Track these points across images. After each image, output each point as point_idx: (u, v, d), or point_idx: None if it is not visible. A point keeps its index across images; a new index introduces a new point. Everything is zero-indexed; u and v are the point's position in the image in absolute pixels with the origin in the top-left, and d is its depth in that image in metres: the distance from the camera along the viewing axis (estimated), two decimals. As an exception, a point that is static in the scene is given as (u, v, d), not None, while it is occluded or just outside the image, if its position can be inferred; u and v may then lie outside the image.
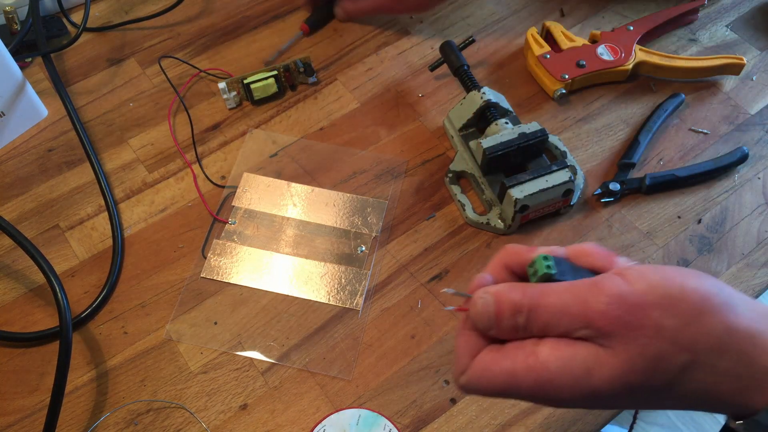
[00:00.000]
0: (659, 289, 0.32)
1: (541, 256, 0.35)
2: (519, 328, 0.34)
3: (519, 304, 0.33)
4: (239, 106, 0.71)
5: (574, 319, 0.32)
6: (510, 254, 0.37)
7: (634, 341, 0.31)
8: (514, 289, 0.34)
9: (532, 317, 0.33)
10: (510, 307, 0.33)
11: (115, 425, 0.53)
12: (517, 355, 0.33)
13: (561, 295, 0.33)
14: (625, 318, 0.31)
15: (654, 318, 0.31)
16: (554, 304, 0.33)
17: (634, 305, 0.31)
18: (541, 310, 0.33)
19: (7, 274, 0.61)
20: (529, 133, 0.61)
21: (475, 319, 0.35)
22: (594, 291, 0.32)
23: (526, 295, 0.33)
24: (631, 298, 0.31)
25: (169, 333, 0.57)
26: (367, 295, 0.59)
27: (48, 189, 0.66)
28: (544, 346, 0.33)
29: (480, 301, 0.34)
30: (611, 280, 0.32)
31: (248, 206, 0.64)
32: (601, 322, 0.31)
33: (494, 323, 0.34)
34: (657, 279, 0.32)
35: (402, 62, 0.74)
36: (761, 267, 0.60)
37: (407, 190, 0.65)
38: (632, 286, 0.32)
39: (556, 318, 0.32)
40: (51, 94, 0.71)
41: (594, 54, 0.70)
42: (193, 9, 0.79)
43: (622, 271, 0.33)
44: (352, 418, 0.53)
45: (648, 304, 0.31)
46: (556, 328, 0.33)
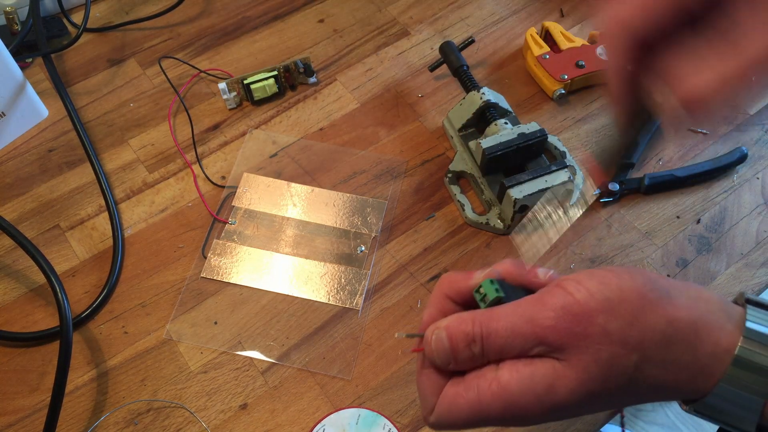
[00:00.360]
0: (599, 294, 0.32)
1: (488, 281, 0.35)
2: (476, 357, 0.34)
3: (471, 333, 0.33)
4: (239, 106, 0.71)
5: (526, 338, 0.32)
6: (448, 284, 0.37)
7: (586, 350, 0.32)
8: (464, 319, 0.34)
9: (487, 344, 0.33)
10: (463, 339, 0.34)
11: (115, 425, 0.53)
12: (480, 385, 0.33)
13: (509, 318, 0.33)
14: (574, 329, 0.32)
15: (599, 324, 0.32)
16: (505, 328, 0.33)
17: (578, 315, 0.32)
18: (494, 335, 0.33)
19: (8, 274, 0.61)
20: (529, 134, 0.61)
21: (432, 356, 0.35)
22: (539, 307, 0.33)
23: (476, 323, 0.34)
24: (574, 308, 0.32)
25: (169, 333, 0.58)
26: (367, 295, 0.59)
27: (48, 189, 0.66)
28: (504, 370, 0.33)
29: (433, 339, 0.35)
30: (552, 294, 0.33)
31: (248, 206, 0.64)
32: (551, 337, 0.32)
33: (451, 357, 0.34)
34: (595, 285, 0.33)
35: (402, 62, 0.74)
36: (760, 267, 0.60)
37: (407, 190, 0.65)
38: (574, 297, 0.32)
39: (509, 341, 0.33)
40: (51, 94, 0.71)
41: (593, 54, 0.70)
42: (194, 9, 0.79)
43: (560, 283, 0.33)
44: (352, 417, 0.53)
45: (591, 311, 0.32)
46: (511, 350, 0.33)
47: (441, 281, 0.38)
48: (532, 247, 0.47)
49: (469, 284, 0.36)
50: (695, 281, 0.60)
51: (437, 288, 0.38)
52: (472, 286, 0.36)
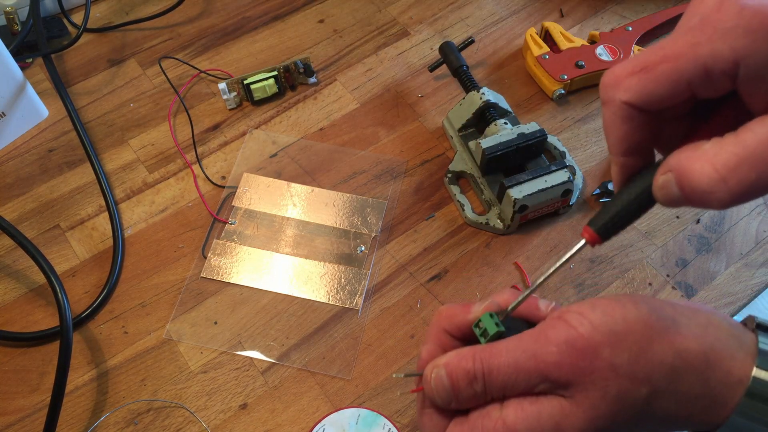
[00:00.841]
0: (603, 327, 0.31)
1: (488, 315, 0.34)
2: (478, 395, 0.33)
3: (472, 371, 0.32)
4: (239, 106, 0.71)
5: (530, 375, 0.31)
6: (446, 319, 0.36)
7: (593, 385, 0.30)
8: (464, 356, 0.33)
9: (489, 382, 0.32)
10: (464, 377, 0.32)
11: (116, 425, 0.54)
12: (485, 425, 0.32)
13: (511, 354, 0.32)
14: (579, 364, 0.31)
15: (605, 358, 0.30)
16: (507, 364, 0.32)
17: (583, 349, 0.31)
18: (495, 373, 0.32)
19: (8, 274, 0.61)
20: (528, 134, 0.61)
21: (433, 396, 0.34)
22: (542, 342, 0.31)
23: (477, 360, 0.32)
24: (578, 342, 0.31)
25: (169, 333, 0.58)
26: (367, 295, 0.59)
27: (48, 189, 0.66)
28: (509, 410, 0.32)
29: (433, 377, 0.33)
30: (555, 327, 0.32)
31: (248, 206, 0.64)
32: (556, 373, 0.31)
33: (452, 396, 0.33)
34: (598, 317, 0.31)
35: (401, 63, 0.74)
36: (760, 267, 0.61)
37: (407, 191, 0.65)
38: (577, 330, 0.31)
39: (512, 378, 0.32)
40: (52, 94, 0.71)
41: (593, 54, 0.70)
42: (194, 10, 0.79)
43: (562, 316, 0.32)
44: (352, 417, 0.53)
45: (596, 344, 0.31)
46: (515, 387, 0.32)
47: (438, 315, 0.36)
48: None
49: (468, 318, 0.35)
50: (695, 281, 0.60)
51: (434, 322, 0.36)
52: (471, 320, 0.35)
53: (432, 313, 0.58)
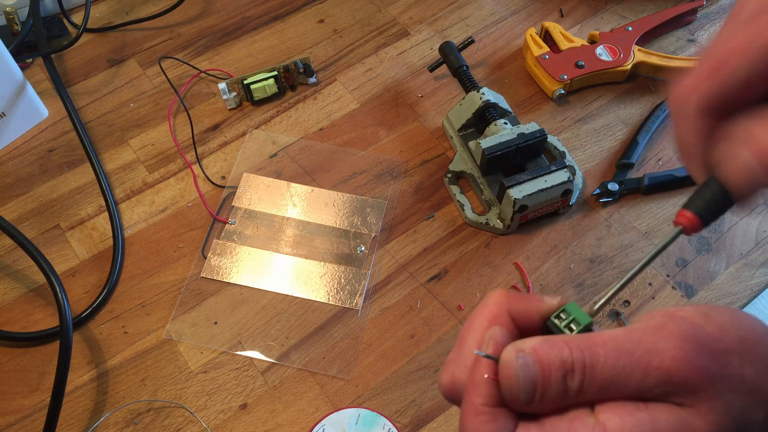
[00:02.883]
0: (733, 332, 0.26)
1: (574, 304, 0.29)
2: (569, 394, 0.26)
3: (569, 361, 0.26)
4: (239, 106, 0.71)
5: (647, 373, 0.25)
6: (512, 301, 0.29)
7: (720, 396, 0.25)
8: (555, 343, 0.26)
9: (590, 377, 0.26)
10: (559, 367, 0.26)
11: (116, 425, 0.54)
12: (575, 429, 0.26)
13: (621, 344, 0.26)
14: (711, 368, 0.25)
15: (736, 367, 0.26)
16: (618, 357, 0.25)
17: (715, 351, 0.26)
18: (601, 366, 0.26)
19: (8, 274, 0.61)
20: (528, 134, 0.61)
21: (513, 388, 0.26)
22: (663, 335, 0.26)
23: (576, 349, 0.26)
24: (709, 342, 0.26)
25: (169, 333, 0.58)
26: (367, 295, 0.59)
27: (48, 189, 0.66)
28: (610, 415, 0.25)
29: (517, 365, 0.26)
30: (675, 321, 0.26)
31: (248, 206, 0.64)
32: (684, 373, 0.25)
33: (538, 391, 0.26)
34: (727, 320, 0.27)
35: (401, 63, 0.74)
36: (760, 267, 0.61)
37: (407, 191, 0.65)
38: (704, 329, 0.26)
39: (621, 375, 0.25)
40: (51, 94, 0.71)
41: (593, 54, 0.70)
42: (194, 10, 0.79)
43: (677, 313, 0.27)
44: (352, 417, 0.53)
45: (727, 350, 0.26)
46: (622, 388, 0.26)
47: (496, 296, 0.30)
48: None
49: (541, 307, 0.29)
50: (695, 281, 0.60)
51: (494, 303, 0.29)
52: (546, 309, 0.29)
53: (432, 313, 0.58)
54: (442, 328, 0.58)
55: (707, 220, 0.28)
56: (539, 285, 0.60)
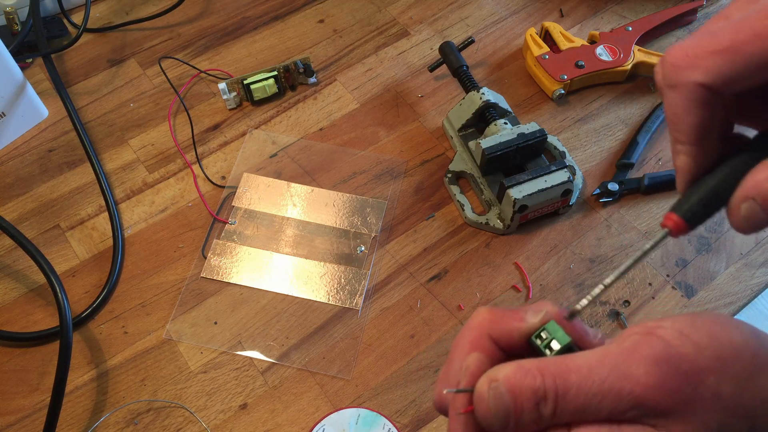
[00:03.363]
0: (709, 351, 0.26)
1: (554, 323, 0.29)
2: (544, 419, 0.26)
3: (542, 389, 0.26)
4: (239, 106, 0.71)
5: (619, 399, 0.25)
6: (492, 323, 0.30)
7: (693, 417, 0.25)
8: (528, 371, 0.27)
9: (563, 404, 0.26)
10: (531, 396, 0.26)
11: (116, 424, 0.54)
12: None
13: (595, 371, 0.26)
14: (683, 390, 0.25)
15: (710, 386, 0.26)
16: (589, 384, 0.26)
17: (688, 373, 0.25)
18: (573, 392, 0.26)
19: (8, 274, 0.61)
20: (528, 134, 0.61)
21: (486, 417, 0.27)
22: (636, 360, 0.26)
23: (548, 376, 0.26)
24: (682, 364, 0.26)
25: (169, 333, 0.58)
26: (367, 295, 0.59)
27: (48, 189, 0.66)
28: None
29: (489, 395, 0.27)
30: (650, 344, 0.26)
31: (248, 206, 0.64)
32: (654, 398, 0.25)
33: (512, 419, 0.26)
34: (704, 339, 0.26)
35: (401, 63, 0.74)
36: (759, 267, 0.61)
37: (407, 191, 0.65)
38: (679, 350, 0.26)
39: (594, 401, 0.26)
40: (51, 94, 0.71)
41: (593, 54, 0.70)
42: (194, 10, 0.79)
43: (654, 331, 0.27)
44: (352, 417, 0.53)
45: (702, 370, 0.26)
46: (595, 413, 0.26)
47: (480, 317, 0.30)
48: None
49: (521, 326, 0.29)
50: (695, 281, 0.60)
51: (475, 325, 0.30)
52: (526, 329, 0.29)
53: (432, 313, 0.58)
54: (442, 328, 0.58)
55: (694, 223, 0.28)
56: (539, 285, 0.60)
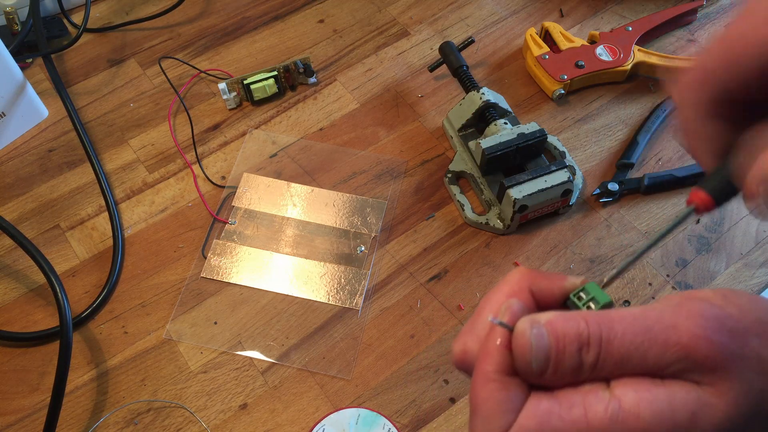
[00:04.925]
0: (752, 313, 0.26)
1: (594, 284, 0.29)
2: (584, 368, 0.26)
3: (586, 335, 0.25)
4: (239, 106, 0.71)
5: (666, 349, 0.25)
6: (534, 278, 0.29)
7: (739, 376, 0.25)
8: (573, 317, 0.26)
9: (606, 351, 0.25)
10: (574, 340, 0.25)
11: (116, 424, 0.54)
12: (590, 403, 0.25)
13: (639, 321, 0.25)
14: (730, 346, 0.25)
15: (755, 347, 0.25)
16: (635, 333, 0.25)
17: (735, 331, 0.25)
18: (618, 341, 0.25)
19: (8, 274, 0.61)
20: (528, 134, 0.61)
21: (525, 358, 0.26)
22: (683, 314, 0.25)
23: (593, 323, 0.26)
24: (728, 322, 0.25)
25: (169, 333, 0.58)
26: (367, 295, 0.59)
27: (48, 189, 0.66)
28: (626, 389, 0.25)
29: (530, 335, 0.26)
30: (694, 302, 0.26)
31: (248, 206, 0.64)
32: (704, 351, 0.25)
33: (552, 363, 0.26)
34: (746, 302, 0.26)
35: (401, 63, 0.74)
36: (760, 267, 0.61)
37: (407, 191, 0.65)
38: (724, 309, 0.26)
39: (639, 350, 0.25)
40: (51, 94, 0.71)
41: (593, 54, 0.70)
42: (194, 10, 0.79)
43: (695, 294, 0.26)
44: (352, 417, 0.53)
45: (746, 330, 0.26)
46: (639, 364, 0.25)
47: (519, 274, 0.29)
48: None
49: (563, 284, 0.29)
50: (695, 281, 0.60)
51: (517, 280, 0.29)
52: (567, 288, 0.29)
53: (432, 313, 0.58)
54: (442, 328, 0.58)
55: (720, 200, 0.28)
56: (539, 285, 0.60)
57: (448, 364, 0.56)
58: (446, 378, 0.55)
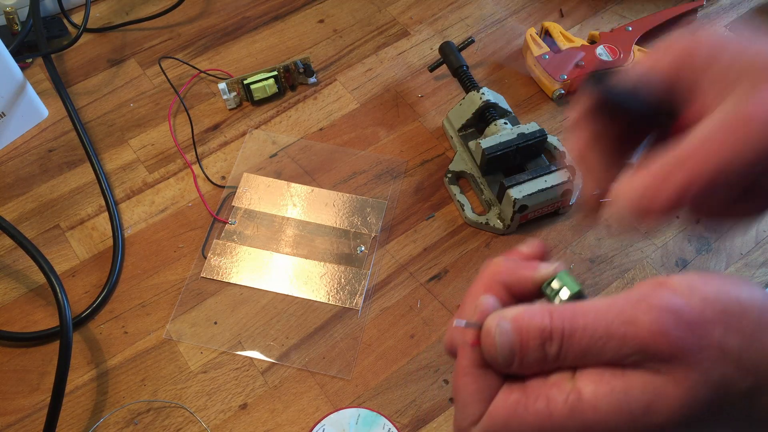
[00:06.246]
0: (717, 303, 0.27)
1: (566, 272, 0.30)
2: (548, 359, 0.27)
3: (549, 329, 0.27)
4: (239, 106, 0.71)
5: (624, 343, 0.26)
6: (506, 271, 0.31)
7: (697, 365, 0.26)
8: (537, 312, 0.28)
9: (568, 345, 0.27)
10: (537, 335, 0.27)
11: (115, 424, 0.54)
12: (552, 395, 0.27)
13: (601, 315, 0.27)
14: (687, 339, 0.26)
15: (716, 338, 0.26)
16: (595, 327, 0.27)
17: (693, 323, 0.26)
18: (579, 334, 0.27)
19: (8, 274, 0.61)
20: (528, 134, 0.61)
21: (491, 353, 0.28)
22: (643, 308, 0.27)
23: (556, 317, 0.27)
24: (688, 314, 0.26)
25: (169, 333, 0.58)
26: (367, 295, 0.59)
27: (48, 189, 0.66)
28: (586, 380, 0.27)
29: (496, 331, 0.28)
30: (658, 294, 0.27)
31: (248, 206, 0.64)
32: (659, 344, 0.26)
33: (516, 357, 0.28)
34: (711, 291, 0.27)
35: (401, 63, 0.74)
36: (759, 267, 0.61)
37: (407, 191, 0.65)
38: (686, 301, 0.27)
39: (599, 343, 0.26)
40: (52, 94, 0.71)
41: (593, 54, 0.70)
42: (194, 10, 0.79)
43: (664, 282, 0.28)
44: (352, 417, 0.53)
45: (708, 321, 0.26)
46: (599, 355, 0.27)
47: (494, 266, 0.31)
48: None
49: (534, 276, 0.30)
50: (695, 281, 0.60)
51: (490, 273, 0.31)
52: (539, 278, 0.30)
53: (432, 313, 0.58)
54: (442, 328, 0.58)
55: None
56: (539, 285, 0.60)
57: (448, 364, 0.56)
58: (446, 378, 0.55)
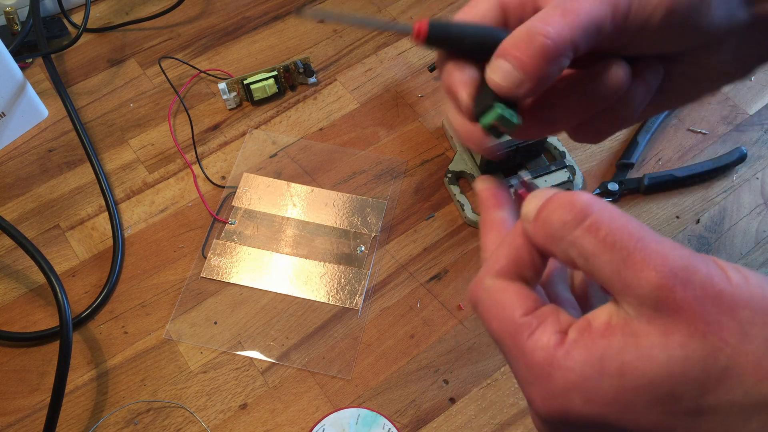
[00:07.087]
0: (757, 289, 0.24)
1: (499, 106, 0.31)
2: (564, 233, 0.26)
3: (583, 215, 0.26)
4: (239, 106, 0.71)
5: (640, 274, 0.24)
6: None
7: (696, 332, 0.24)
8: (586, 200, 0.27)
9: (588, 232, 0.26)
10: (576, 214, 0.26)
11: (115, 424, 0.54)
12: (538, 337, 0.26)
13: (645, 243, 0.25)
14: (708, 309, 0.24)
15: (739, 319, 0.24)
16: (628, 244, 0.25)
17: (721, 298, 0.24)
18: (604, 233, 0.25)
19: (8, 274, 0.61)
20: (528, 134, 0.61)
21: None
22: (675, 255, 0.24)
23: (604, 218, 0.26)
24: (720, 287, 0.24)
25: (169, 333, 0.58)
26: (367, 295, 0.59)
27: (48, 189, 0.66)
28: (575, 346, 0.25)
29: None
30: (703, 259, 0.25)
31: (248, 206, 0.64)
32: (675, 300, 0.24)
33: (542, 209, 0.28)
34: (755, 277, 0.25)
35: (401, 63, 0.74)
36: (759, 267, 0.61)
37: (407, 191, 0.65)
38: (726, 273, 0.25)
39: (617, 256, 0.25)
40: (51, 94, 0.71)
41: (593, 54, 0.70)
42: (194, 10, 0.79)
43: (714, 259, 0.25)
44: (352, 417, 0.53)
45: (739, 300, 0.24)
46: (603, 268, 0.25)
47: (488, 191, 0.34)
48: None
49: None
50: (695, 281, 0.60)
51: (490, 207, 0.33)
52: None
53: (432, 313, 0.58)
54: (442, 328, 0.58)
55: (434, 41, 0.32)
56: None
57: (448, 364, 0.56)
58: (446, 378, 0.55)
